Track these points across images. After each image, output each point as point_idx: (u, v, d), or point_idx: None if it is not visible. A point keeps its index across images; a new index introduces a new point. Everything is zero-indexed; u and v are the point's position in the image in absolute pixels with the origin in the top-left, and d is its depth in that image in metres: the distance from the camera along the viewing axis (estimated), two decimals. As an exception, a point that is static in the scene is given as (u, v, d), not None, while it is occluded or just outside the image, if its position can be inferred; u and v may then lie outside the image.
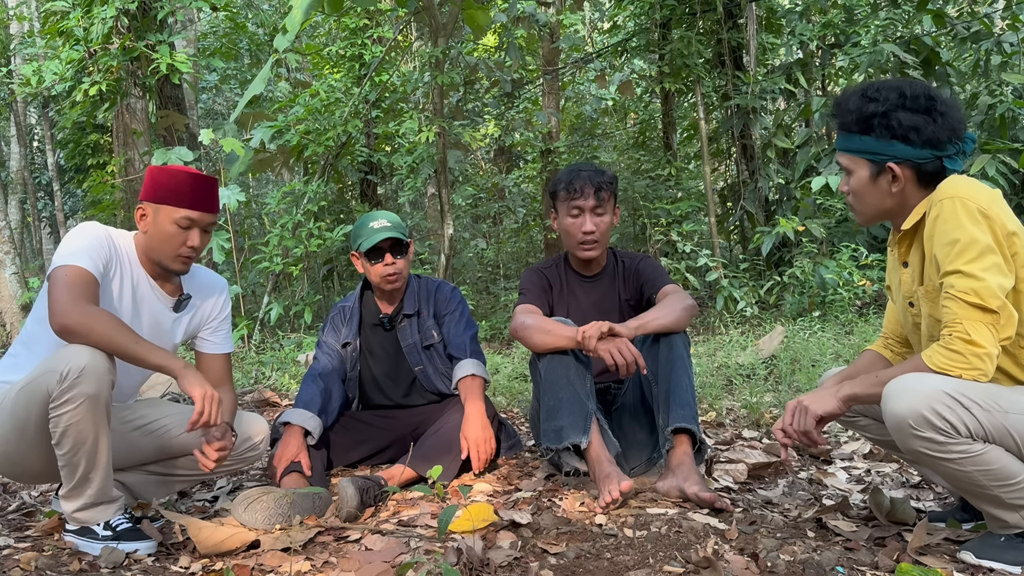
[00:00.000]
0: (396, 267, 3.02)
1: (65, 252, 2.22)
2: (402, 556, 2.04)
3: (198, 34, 13.38)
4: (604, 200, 2.84)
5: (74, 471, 2.11)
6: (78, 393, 2.02)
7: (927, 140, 1.89)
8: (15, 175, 15.05)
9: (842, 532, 2.13)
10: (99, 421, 2.08)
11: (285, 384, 5.44)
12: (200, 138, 6.77)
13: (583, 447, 2.51)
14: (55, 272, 2.17)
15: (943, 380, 1.78)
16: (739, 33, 8.55)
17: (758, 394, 4.21)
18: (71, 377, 2.01)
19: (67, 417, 2.04)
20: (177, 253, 2.36)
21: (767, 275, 7.82)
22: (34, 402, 2.08)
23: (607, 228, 2.89)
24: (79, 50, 7.75)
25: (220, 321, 2.61)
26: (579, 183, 2.82)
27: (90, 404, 2.04)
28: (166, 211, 2.32)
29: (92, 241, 2.27)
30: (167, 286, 2.47)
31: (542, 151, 10.26)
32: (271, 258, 7.58)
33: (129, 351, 2.12)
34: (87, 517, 2.18)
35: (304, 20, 5.44)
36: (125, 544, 2.17)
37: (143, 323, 2.43)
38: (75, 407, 2.03)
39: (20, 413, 2.12)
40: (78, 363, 2.02)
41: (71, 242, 2.25)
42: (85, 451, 2.09)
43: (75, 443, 2.07)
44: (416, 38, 11.64)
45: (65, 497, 2.17)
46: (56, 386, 2.02)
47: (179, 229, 2.33)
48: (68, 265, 2.18)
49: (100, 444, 2.11)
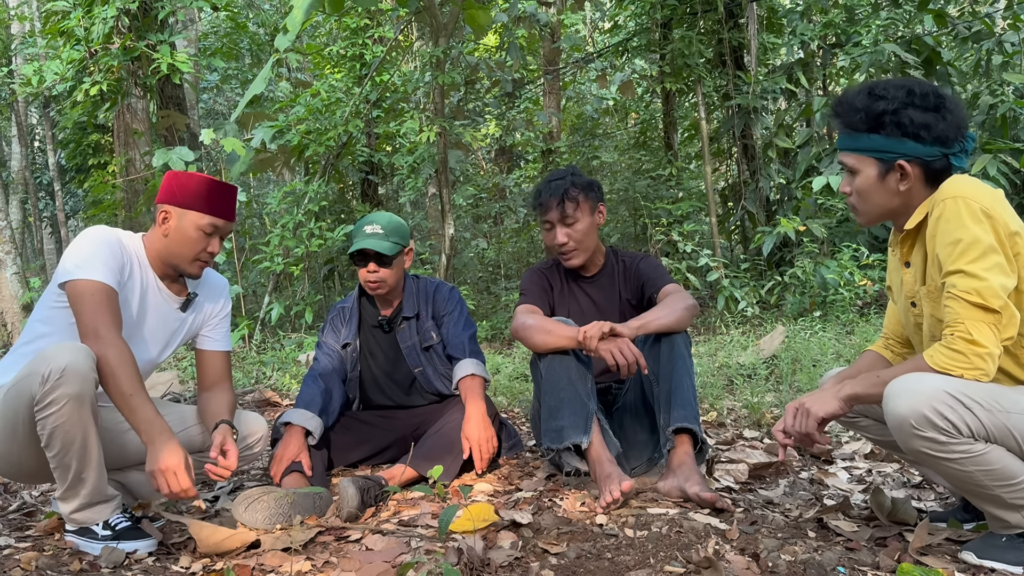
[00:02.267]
0: (378, 276, 3.00)
1: (82, 262, 2.22)
2: (403, 556, 2.04)
3: (199, 34, 13.37)
4: (572, 210, 2.82)
5: (66, 472, 2.10)
6: (61, 394, 2.02)
7: (936, 138, 1.89)
8: (16, 175, 15.05)
9: (843, 532, 2.13)
10: (86, 420, 2.07)
11: (286, 384, 5.44)
12: (201, 138, 6.77)
13: (584, 447, 2.51)
14: (79, 286, 2.19)
15: (945, 380, 1.78)
16: (740, 33, 8.55)
17: (759, 394, 4.21)
18: (52, 379, 2.01)
19: (53, 419, 2.03)
20: (196, 258, 2.41)
21: (768, 275, 7.82)
22: (21, 405, 2.08)
23: (584, 233, 2.86)
24: (80, 50, 7.76)
25: (221, 319, 2.63)
26: (544, 197, 2.84)
27: (74, 404, 2.04)
28: (192, 216, 2.37)
29: (107, 249, 2.28)
30: (174, 286, 2.50)
31: (543, 151, 10.26)
32: (272, 258, 7.58)
33: (123, 398, 2.13)
34: (85, 517, 2.18)
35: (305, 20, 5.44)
36: (125, 543, 2.17)
37: (149, 323, 2.44)
38: (59, 408, 2.03)
39: (10, 415, 2.12)
40: (59, 363, 2.01)
41: (86, 250, 2.25)
42: (75, 452, 2.08)
43: (64, 444, 2.06)
44: (417, 38, 11.64)
45: (62, 499, 2.17)
46: (39, 388, 2.02)
47: (203, 235, 2.39)
48: (90, 280, 2.20)
49: (89, 443, 2.10)
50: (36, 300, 8.43)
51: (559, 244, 2.85)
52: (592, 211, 2.88)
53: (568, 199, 2.81)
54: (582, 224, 2.86)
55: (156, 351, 2.50)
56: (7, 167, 15.26)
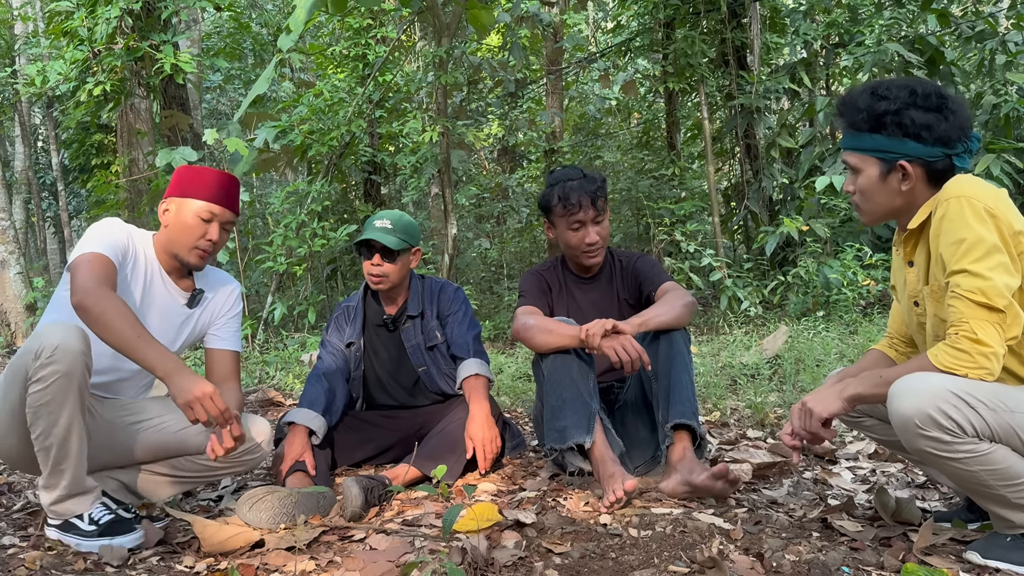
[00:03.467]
0: (381, 270, 3.01)
1: (88, 242, 2.29)
2: (406, 556, 2.04)
3: (202, 34, 13.39)
4: (602, 207, 2.85)
5: (47, 456, 2.11)
6: (51, 371, 2.03)
7: (938, 138, 1.89)
8: (19, 175, 15.07)
9: (847, 532, 2.13)
10: (71, 403, 2.07)
11: (289, 384, 5.45)
12: (204, 138, 6.78)
13: (587, 447, 2.51)
14: (79, 258, 2.24)
15: (949, 379, 1.78)
16: (743, 32, 8.54)
17: (762, 394, 4.21)
18: (44, 355, 2.02)
19: (39, 395, 2.04)
20: (195, 245, 2.43)
21: (771, 275, 7.81)
22: (16, 383, 2.10)
23: (608, 231, 2.91)
24: (83, 50, 7.77)
25: (230, 318, 2.64)
26: (575, 197, 2.80)
27: (63, 382, 2.04)
28: (189, 204, 2.43)
29: (113, 233, 2.35)
30: (181, 282, 2.53)
31: (546, 151, 10.25)
32: (275, 258, 7.58)
33: (130, 341, 2.11)
34: (65, 509, 2.19)
35: (308, 20, 5.44)
36: (109, 538, 2.16)
37: (151, 316, 2.46)
38: (47, 385, 2.03)
39: (10, 394, 2.13)
40: (51, 341, 2.03)
41: (94, 233, 2.33)
42: (56, 435, 2.08)
43: (47, 424, 2.07)
44: (420, 38, 11.64)
45: (44, 487, 2.17)
46: (32, 363, 2.04)
47: (200, 221, 2.42)
48: (90, 252, 2.25)
49: (72, 430, 2.09)
50: (39, 300, 8.45)
51: (590, 243, 2.85)
52: (607, 208, 2.92)
53: (600, 197, 2.83)
54: (607, 222, 2.89)
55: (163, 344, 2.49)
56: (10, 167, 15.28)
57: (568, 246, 2.90)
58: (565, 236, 2.88)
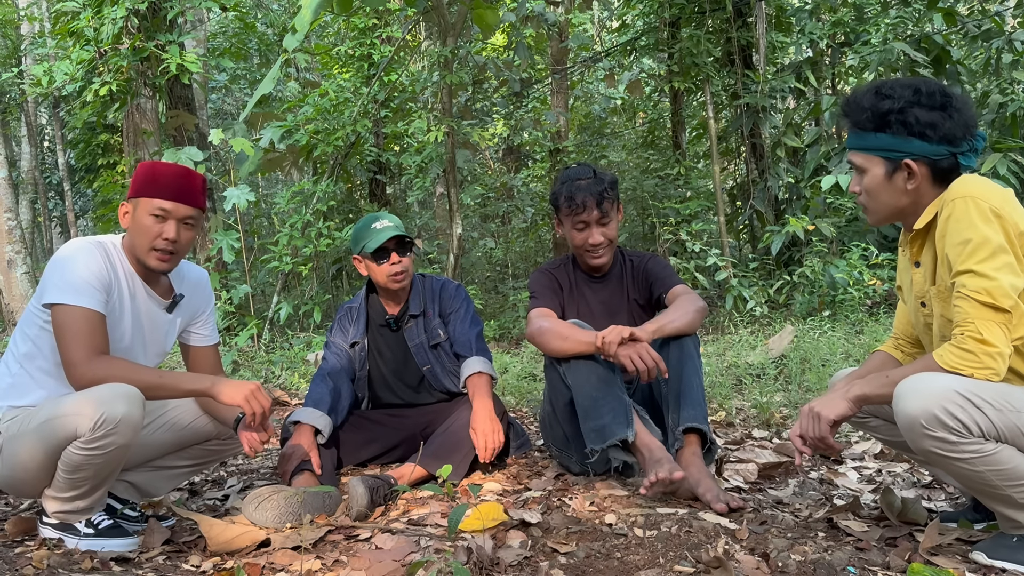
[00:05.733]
0: (403, 265, 3.03)
1: (65, 284, 2.18)
2: (412, 555, 2.04)
3: (208, 34, 13.42)
4: (608, 209, 2.82)
5: (74, 489, 2.13)
6: (110, 443, 2.03)
7: (943, 136, 1.89)
8: (26, 175, 15.13)
9: (853, 532, 2.12)
10: (120, 462, 2.11)
11: (295, 383, 5.46)
12: (210, 138, 6.79)
13: (631, 440, 2.47)
14: (60, 312, 2.15)
15: (955, 380, 1.78)
16: (748, 32, 8.53)
17: (768, 394, 4.20)
18: (106, 427, 2.01)
19: (88, 458, 2.05)
20: (152, 246, 2.28)
21: (777, 274, 7.80)
22: (57, 437, 2.06)
23: (615, 232, 2.89)
24: (89, 50, 7.78)
25: (208, 314, 2.62)
26: (580, 197, 2.78)
27: (119, 452, 2.07)
28: (143, 203, 2.28)
29: (90, 269, 2.22)
30: (159, 288, 2.44)
31: (551, 150, 10.26)
32: (280, 257, 7.59)
33: (158, 389, 2.16)
34: (71, 517, 2.20)
35: (313, 20, 5.45)
36: (105, 541, 2.17)
37: (144, 330, 2.42)
38: (104, 453, 2.05)
39: (39, 445, 2.09)
40: (114, 414, 2.01)
41: (68, 271, 2.20)
42: (94, 481, 2.12)
43: (88, 476, 2.10)
44: (425, 38, 11.65)
45: (55, 498, 2.17)
46: (87, 430, 2.01)
47: (154, 220, 2.27)
48: (72, 307, 2.15)
49: (112, 478, 2.14)
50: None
51: (593, 244, 2.83)
52: (617, 209, 2.90)
53: (606, 199, 2.80)
54: (615, 223, 2.87)
55: (154, 354, 2.49)
56: (17, 167, 15.33)
57: (573, 245, 2.90)
58: (570, 235, 2.88)
